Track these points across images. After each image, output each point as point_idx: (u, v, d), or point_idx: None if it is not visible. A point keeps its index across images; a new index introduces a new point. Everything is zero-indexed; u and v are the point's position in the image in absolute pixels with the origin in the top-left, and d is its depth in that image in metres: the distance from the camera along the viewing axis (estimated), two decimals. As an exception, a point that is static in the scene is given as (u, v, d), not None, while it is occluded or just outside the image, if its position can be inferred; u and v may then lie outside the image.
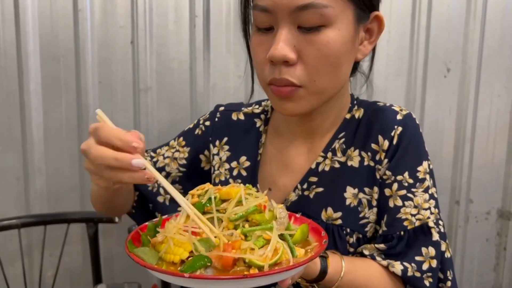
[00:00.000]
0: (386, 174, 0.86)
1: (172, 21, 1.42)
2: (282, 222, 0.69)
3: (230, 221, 0.64)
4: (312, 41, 0.75)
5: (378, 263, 0.84)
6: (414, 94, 1.51)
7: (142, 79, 1.44)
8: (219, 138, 1.01)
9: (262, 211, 0.67)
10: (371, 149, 0.88)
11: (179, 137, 1.05)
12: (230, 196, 0.68)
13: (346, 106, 0.92)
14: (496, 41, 1.50)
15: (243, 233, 0.63)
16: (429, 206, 0.85)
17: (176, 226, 0.65)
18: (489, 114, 1.54)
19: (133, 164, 0.62)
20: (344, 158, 0.89)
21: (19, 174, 1.46)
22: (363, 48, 0.83)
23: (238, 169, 0.97)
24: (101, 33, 1.41)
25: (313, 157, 0.91)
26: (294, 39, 0.75)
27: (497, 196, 1.59)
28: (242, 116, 1.02)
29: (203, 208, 0.67)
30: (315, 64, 0.76)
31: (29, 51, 1.40)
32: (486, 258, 1.62)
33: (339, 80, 0.81)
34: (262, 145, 0.97)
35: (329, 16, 0.74)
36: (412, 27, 1.47)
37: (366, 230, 0.87)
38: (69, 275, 1.54)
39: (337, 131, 0.91)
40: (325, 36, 0.75)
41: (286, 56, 0.75)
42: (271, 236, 0.62)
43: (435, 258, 0.84)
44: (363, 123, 0.90)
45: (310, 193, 0.89)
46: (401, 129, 0.86)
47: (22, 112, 1.43)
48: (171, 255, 0.62)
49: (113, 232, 1.52)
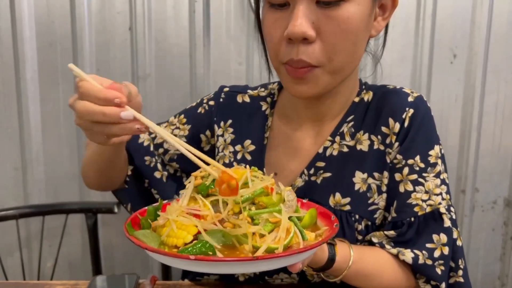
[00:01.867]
0: (396, 158, 0.84)
1: (171, 6, 1.39)
2: (290, 205, 0.66)
3: (236, 204, 0.61)
4: (332, 17, 0.72)
5: (388, 252, 0.82)
6: (420, 81, 1.48)
7: (141, 66, 1.41)
8: (224, 119, 0.97)
9: (269, 194, 0.64)
10: (381, 132, 0.85)
11: (180, 115, 1.01)
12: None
13: (355, 89, 0.90)
14: (504, 26, 1.46)
15: (249, 216, 0.60)
16: (440, 192, 0.83)
17: (179, 209, 0.62)
18: (496, 101, 1.51)
19: (122, 117, 0.60)
20: (353, 142, 0.86)
21: (17, 164, 1.45)
22: (377, 25, 0.81)
23: (242, 153, 0.94)
24: (98, 19, 1.38)
25: (321, 141, 0.89)
26: (312, 15, 0.72)
27: (503, 185, 1.56)
28: (248, 98, 0.98)
29: (207, 190, 0.64)
30: (334, 41, 0.73)
31: (25, 38, 1.37)
32: (492, 248, 1.60)
33: (355, 58, 0.79)
34: (269, 128, 0.94)
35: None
36: (417, 12, 1.44)
37: (375, 217, 0.84)
38: (68, 266, 1.53)
39: (346, 115, 0.88)
40: (346, 11, 0.72)
41: (305, 33, 0.72)
42: (278, 219, 0.60)
43: (447, 245, 0.81)
44: (373, 106, 0.88)
45: (317, 178, 0.86)
46: (413, 111, 0.84)
47: (19, 100, 1.41)
48: (173, 239, 0.59)
49: (112, 223, 1.50)
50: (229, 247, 0.58)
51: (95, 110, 0.60)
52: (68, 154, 1.46)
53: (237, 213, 0.61)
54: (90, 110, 0.60)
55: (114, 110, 0.60)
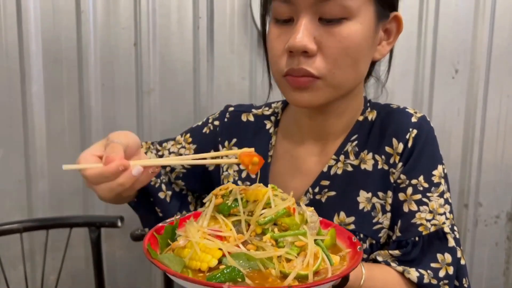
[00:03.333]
0: (400, 178, 0.84)
1: (175, 22, 1.41)
2: (313, 227, 0.66)
3: (258, 225, 0.61)
4: (333, 33, 0.74)
5: (394, 269, 0.82)
6: (422, 95, 1.49)
7: (145, 81, 1.43)
8: (228, 139, 0.98)
9: (292, 214, 0.64)
10: (385, 152, 0.86)
11: (186, 133, 1.02)
12: (257, 197, 0.64)
13: (359, 108, 0.90)
14: (505, 41, 1.47)
15: (273, 238, 0.60)
16: (444, 211, 0.83)
17: (200, 230, 0.61)
18: (498, 115, 1.52)
19: (135, 175, 0.65)
20: (357, 161, 0.87)
21: (21, 177, 1.45)
22: (382, 48, 0.83)
23: (246, 171, 0.95)
24: (103, 34, 1.40)
25: (325, 160, 0.89)
26: (314, 30, 0.75)
27: (506, 199, 1.56)
28: (252, 117, 1.00)
29: (228, 210, 0.63)
30: (335, 57, 0.75)
31: (31, 52, 1.39)
32: (496, 263, 1.60)
33: (357, 75, 0.80)
34: (272, 147, 0.95)
35: (351, 9, 0.73)
36: (419, 27, 1.45)
37: (380, 236, 0.85)
38: (71, 280, 1.52)
39: (350, 134, 0.89)
40: (347, 28, 0.74)
41: (306, 46, 0.74)
42: (304, 243, 0.59)
43: (451, 265, 0.81)
44: (377, 125, 0.88)
45: (322, 197, 0.87)
46: (416, 132, 0.84)
47: (24, 114, 1.42)
48: (197, 262, 0.58)
49: (115, 237, 1.50)
50: (255, 271, 0.57)
51: (112, 187, 0.65)
52: (72, 168, 1.46)
53: (260, 235, 0.61)
54: (110, 188, 0.66)
55: (127, 175, 0.65)
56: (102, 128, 1.43)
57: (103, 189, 0.66)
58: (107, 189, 0.66)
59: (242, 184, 0.94)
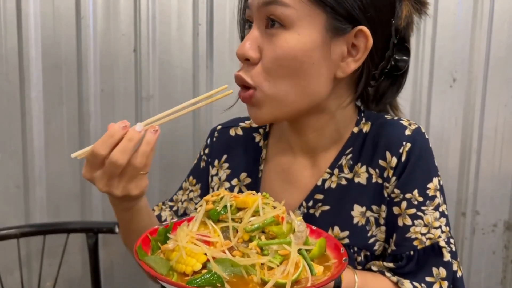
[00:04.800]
0: (394, 192, 0.82)
1: (175, 29, 1.41)
2: (300, 236, 0.66)
3: (246, 232, 0.62)
4: (271, 42, 0.74)
5: (388, 279, 0.82)
6: (420, 104, 1.49)
7: (145, 87, 1.43)
8: (218, 157, 0.97)
9: (280, 223, 0.64)
10: (379, 166, 0.84)
11: (188, 177, 1.02)
12: (246, 205, 0.65)
13: (350, 120, 0.87)
14: (502, 50, 1.48)
15: (259, 245, 0.61)
16: (439, 225, 0.82)
17: (189, 234, 0.62)
18: (496, 125, 1.52)
19: (139, 130, 0.69)
20: (351, 175, 0.85)
21: (19, 182, 1.45)
22: (345, 66, 0.77)
23: (239, 186, 0.93)
24: (103, 40, 1.41)
25: (318, 173, 0.87)
26: (260, 39, 0.75)
27: (504, 208, 1.56)
28: (240, 131, 0.98)
29: (218, 216, 0.64)
30: (269, 66, 0.75)
31: (31, 58, 1.39)
32: (493, 271, 1.59)
33: (305, 91, 0.76)
34: (263, 160, 0.93)
35: (289, 17, 0.72)
36: (417, 37, 1.46)
37: (374, 248, 0.84)
38: (68, 286, 1.52)
39: (345, 146, 0.86)
40: (282, 38, 0.73)
41: (245, 54, 0.75)
42: (288, 251, 0.60)
43: (446, 280, 0.81)
44: (370, 137, 0.85)
45: (316, 211, 0.86)
46: (410, 145, 0.82)
47: (23, 119, 1.42)
48: (183, 265, 0.59)
49: (113, 243, 1.50)
50: (237, 277, 0.58)
51: (122, 146, 0.68)
52: (70, 174, 1.46)
53: (247, 241, 0.62)
54: (122, 149, 0.68)
55: (132, 130, 0.68)
56: (101, 134, 1.42)
57: (116, 155, 0.67)
58: (120, 151, 0.67)
59: None
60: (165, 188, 1.04)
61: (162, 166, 1.48)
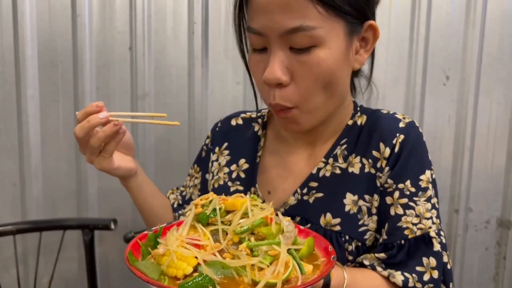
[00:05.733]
0: (387, 183, 0.85)
1: (170, 27, 1.42)
2: (289, 236, 0.67)
3: (235, 234, 0.62)
4: (304, 62, 0.76)
5: (379, 274, 0.83)
6: (413, 102, 1.51)
7: (140, 85, 1.44)
8: (219, 144, 1.02)
9: (269, 224, 0.66)
10: (372, 156, 0.87)
11: (194, 164, 1.09)
12: (235, 207, 0.66)
13: (347, 113, 0.92)
14: (495, 49, 1.49)
15: (249, 247, 0.61)
16: (431, 216, 0.84)
17: (179, 238, 0.63)
18: (489, 122, 1.53)
19: (100, 117, 0.78)
20: (345, 165, 0.88)
21: (15, 179, 1.46)
22: (360, 57, 0.83)
23: (237, 172, 0.98)
24: (99, 38, 1.41)
25: (314, 163, 0.91)
26: (286, 61, 0.77)
27: (496, 204, 1.58)
28: (241, 120, 1.04)
29: (207, 220, 0.65)
30: (307, 84, 0.77)
31: (27, 56, 1.40)
32: (486, 268, 1.61)
33: (336, 96, 0.82)
34: (261, 148, 0.98)
35: (319, 37, 0.75)
36: (411, 35, 1.47)
37: (365, 238, 0.86)
38: (64, 282, 1.53)
39: (339, 138, 0.91)
40: (316, 56, 0.76)
41: (279, 79, 0.76)
42: (277, 251, 0.61)
43: (436, 269, 0.82)
44: (365, 130, 0.89)
45: (309, 198, 0.88)
46: (403, 137, 0.85)
47: (19, 117, 1.43)
48: (174, 269, 0.60)
49: (109, 239, 1.51)
50: (228, 279, 0.59)
51: (82, 124, 0.79)
52: (66, 171, 1.47)
53: (237, 243, 0.62)
54: (80, 126, 0.80)
55: (93, 116, 0.79)
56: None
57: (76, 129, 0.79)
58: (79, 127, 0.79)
59: (232, 184, 0.96)
60: (160, 185, 1.05)
61: (157, 163, 1.49)
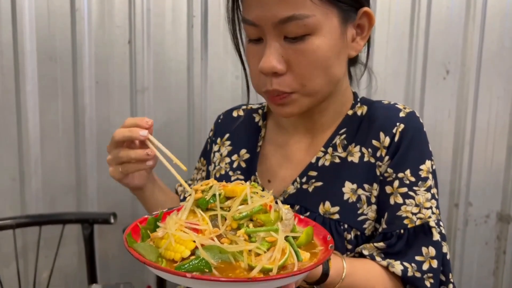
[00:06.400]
0: (387, 172, 0.86)
1: (169, 21, 1.42)
2: (287, 224, 0.67)
3: (234, 220, 0.63)
4: (299, 50, 0.77)
5: (378, 264, 0.83)
6: (413, 96, 1.50)
7: (139, 80, 1.43)
8: (221, 135, 1.04)
9: (268, 211, 0.66)
10: (372, 146, 0.87)
11: (200, 158, 1.12)
12: (235, 193, 0.66)
13: (347, 102, 0.92)
14: (496, 43, 1.49)
15: (247, 233, 0.62)
16: (430, 206, 0.84)
17: (178, 222, 0.63)
18: (489, 117, 1.53)
19: (140, 134, 0.81)
20: (345, 154, 0.89)
21: (15, 174, 1.46)
22: (356, 45, 0.84)
23: (238, 162, 0.99)
24: (98, 33, 1.41)
25: (314, 152, 0.92)
26: (282, 50, 0.78)
27: (496, 199, 1.58)
28: (242, 112, 1.06)
29: (207, 205, 0.65)
30: (304, 72, 0.78)
31: (25, 51, 1.39)
32: (485, 262, 1.61)
33: (331, 80, 0.82)
34: (262, 138, 0.99)
35: (312, 25, 0.75)
36: (411, 29, 1.47)
37: (364, 227, 0.86)
38: (64, 277, 1.53)
39: (339, 127, 0.91)
40: (310, 44, 0.76)
41: (274, 67, 0.77)
42: (275, 238, 0.61)
43: (435, 258, 0.82)
44: (365, 119, 0.90)
45: (309, 186, 0.89)
46: (403, 126, 0.86)
47: (18, 112, 1.42)
48: (171, 252, 0.60)
49: (108, 233, 1.51)
50: (225, 263, 0.59)
51: (125, 129, 0.82)
52: (65, 165, 1.47)
53: (235, 229, 0.63)
54: (122, 130, 0.82)
55: (137, 129, 0.81)
56: (96, 126, 1.44)
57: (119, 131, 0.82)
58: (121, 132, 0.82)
59: (233, 174, 0.97)
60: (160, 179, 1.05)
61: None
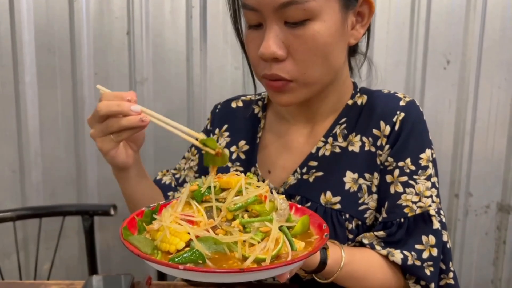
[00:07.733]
0: (388, 161, 0.86)
1: (168, 11, 1.41)
2: (282, 214, 0.67)
3: (229, 211, 0.63)
4: (299, 36, 0.76)
5: (378, 253, 0.83)
6: (413, 86, 1.50)
7: (138, 70, 1.43)
8: (219, 126, 1.03)
9: (263, 202, 0.66)
10: (372, 134, 0.87)
11: (191, 148, 1.08)
12: (230, 185, 0.66)
13: (347, 92, 0.92)
14: (496, 33, 1.48)
15: (241, 223, 0.62)
16: (430, 194, 0.84)
17: (173, 215, 0.63)
18: (489, 107, 1.53)
19: (132, 109, 0.72)
20: (345, 143, 0.89)
21: (15, 166, 1.46)
22: (356, 32, 0.83)
23: (237, 153, 0.98)
24: (96, 23, 1.40)
25: (314, 142, 0.91)
26: (282, 35, 0.77)
27: (496, 189, 1.57)
28: (241, 103, 1.04)
29: (202, 197, 0.65)
30: (304, 58, 0.77)
31: (24, 42, 1.39)
32: (486, 252, 1.61)
33: (331, 68, 0.81)
34: (261, 129, 0.98)
35: (313, 10, 0.74)
36: (411, 19, 1.46)
37: (365, 216, 0.86)
38: (64, 268, 1.53)
39: (339, 117, 0.91)
40: (311, 29, 0.76)
41: (275, 53, 0.76)
42: (269, 228, 0.61)
43: (435, 247, 0.82)
44: (366, 109, 0.90)
45: (309, 177, 0.88)
46: (404, 115, 0.86)
47: (18, 103, 1.42)
48: (166, 244, 0.61)
49: (108, 225, 1.51)
50: (220, 254, 0.59)
51: (111, 103, 0.73)
52: (65, 157, 1.47)
53: (230, 220, 0.63)
54: (108, 103, 0.73)
55: (126, 103, 0.73)
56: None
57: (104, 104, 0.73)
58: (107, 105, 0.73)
59: (232, 165, 0.97)
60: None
61: (156, 148, 1.49)
